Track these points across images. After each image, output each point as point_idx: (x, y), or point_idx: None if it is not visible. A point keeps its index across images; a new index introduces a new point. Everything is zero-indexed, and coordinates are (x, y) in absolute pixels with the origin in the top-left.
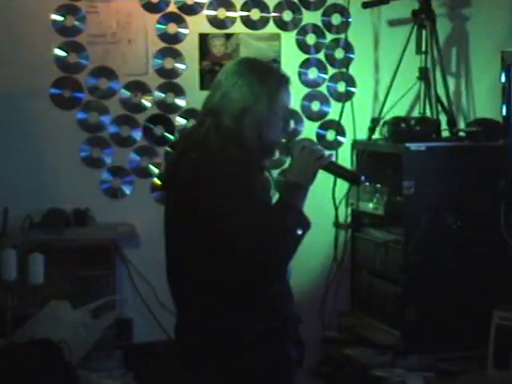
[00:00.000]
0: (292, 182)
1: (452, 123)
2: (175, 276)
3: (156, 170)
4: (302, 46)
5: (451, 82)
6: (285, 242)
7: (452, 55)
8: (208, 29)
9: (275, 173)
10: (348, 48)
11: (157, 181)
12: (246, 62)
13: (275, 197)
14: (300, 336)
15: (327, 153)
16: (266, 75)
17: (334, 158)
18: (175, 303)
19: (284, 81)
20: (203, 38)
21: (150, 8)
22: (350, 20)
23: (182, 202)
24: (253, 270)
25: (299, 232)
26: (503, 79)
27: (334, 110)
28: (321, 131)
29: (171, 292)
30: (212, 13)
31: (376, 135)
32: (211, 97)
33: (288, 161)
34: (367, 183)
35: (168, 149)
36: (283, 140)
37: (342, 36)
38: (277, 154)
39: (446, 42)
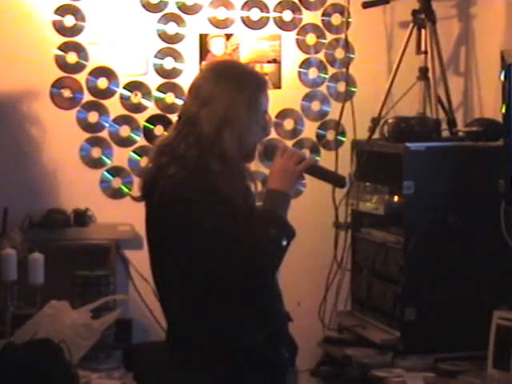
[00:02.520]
0: (273, 190)
1: (452, 123)
2: (162, 287)
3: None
4: (302, 46)
5: (451, 81)
6: (270, 254)
7: (452, 55)
8: (208, 29)
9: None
10: (348, 48)
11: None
12: (223, 68)
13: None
14: (291, 335)
15: (308, 156)
16: (244, 82)
17: (315, 161)
18: (164, 312)
19: (263, 85)
20: (203, 38)
21: (150, 8)
22: (350, 20)
23: (163, 217)
24: (239, 283)
25: (284, 243)
26: (503, 79)
27: (334, 110)
28: (321, 131)
29: (160, 301)
30: (212, 13)
31: (376, 135)
32: (189, 104)
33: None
34: (367, 183)
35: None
36: (261, 145)
37: (342, 36)
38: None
39: (446, 42)
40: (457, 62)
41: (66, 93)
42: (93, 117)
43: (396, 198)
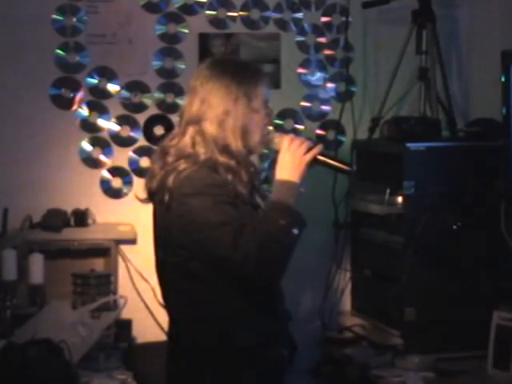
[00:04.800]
0: (282, 181)
1: (452, 123)
2: (167, 287)
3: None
4: (302, 46)
5: (451, 81)
6: (282, 244)
7: (452, 55)
8: (208, 29)
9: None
10: (348, 48)
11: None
12: (218, 64)
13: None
14: (291, 335)
15: (314, 144)
16: (240, 74)
17: (323, 149)
18: (168, 312)
19: (259, 75)
20: (203, 38)
21: (150, 8)
22: (350, 20)
23: (174, 213)
24: (253, 276)
25: (295, 231)
26: (503, 79)
27: (334, 110)
28: (321, 131)
29: (164, 299)
30: (212, 13)
31: (376, 135)
32: (189, 105)
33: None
34: (367, 183)
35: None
36: (269, 135)
37: (342, 36)
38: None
39: (446, 42)
40: (457, 61)
41: (66, 93)
42: (93, 117)
43: (396, 198)
